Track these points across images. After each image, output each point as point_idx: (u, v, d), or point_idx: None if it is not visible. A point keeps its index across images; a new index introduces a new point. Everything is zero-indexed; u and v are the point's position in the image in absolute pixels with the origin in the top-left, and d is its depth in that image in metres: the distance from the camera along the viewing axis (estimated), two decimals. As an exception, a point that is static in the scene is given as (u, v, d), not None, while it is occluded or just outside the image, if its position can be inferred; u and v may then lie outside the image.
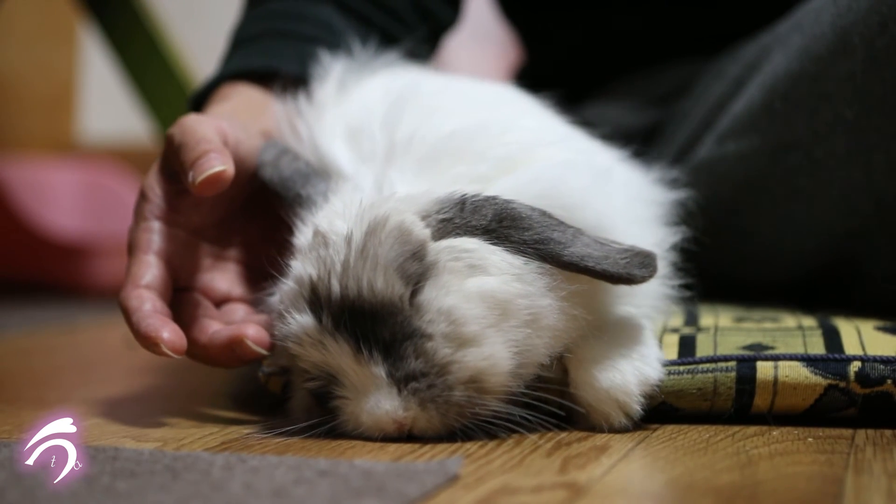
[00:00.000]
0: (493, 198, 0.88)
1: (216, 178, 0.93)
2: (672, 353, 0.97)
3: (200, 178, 0.93)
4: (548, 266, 0.87)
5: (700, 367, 0.95)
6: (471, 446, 0.85)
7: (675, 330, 1.04)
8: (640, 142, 1.49)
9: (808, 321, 1.06)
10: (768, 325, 1.06)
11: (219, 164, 0.93)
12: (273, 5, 1.26)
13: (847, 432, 0.91)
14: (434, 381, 0.83)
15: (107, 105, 2.78)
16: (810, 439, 0.88)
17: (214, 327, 0.95)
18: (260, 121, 1.08)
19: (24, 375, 1.35)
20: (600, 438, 0.88)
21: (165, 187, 0.99)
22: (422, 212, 0.88)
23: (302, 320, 0.85)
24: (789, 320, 1.07)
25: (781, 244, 1.27)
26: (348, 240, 0.86)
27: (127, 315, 0.94)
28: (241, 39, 1.23)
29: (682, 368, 0.95)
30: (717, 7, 1.53)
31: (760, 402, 0.94)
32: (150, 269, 0.96)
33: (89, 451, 0.78)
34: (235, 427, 0.94)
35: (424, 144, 0.94)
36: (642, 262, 0.88)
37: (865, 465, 0.80)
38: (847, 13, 1.15)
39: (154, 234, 0.98)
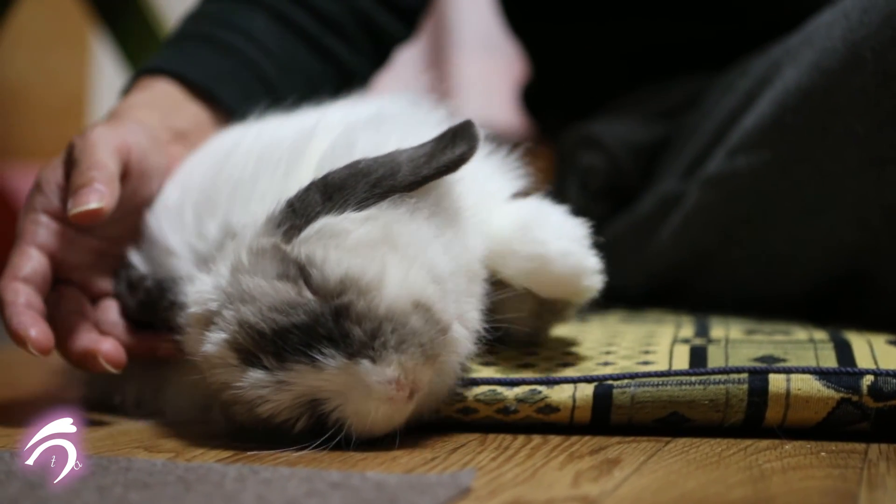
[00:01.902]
0: (310, 183, 0.89)
1: (89, 215, 0.95)
2: (683, 364, 0.97)
3: (74, 211, 0.95)
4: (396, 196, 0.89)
5: (712, 378, 0.95)
6: (483, 458, 0.85)
7: (685, 340, 1.04)
8: (649, 156, 1.49)
9: (820, 334, 1.06)
10: (780, 337, 1.05)
11: (95, 202, 0.95)
12: (208, 6, 1.29)
13: (860, 446, 0.90)
14: (386, 331, 0.83)
15: (117, 114, 2.78)
16: (823, 454, 0.88)
17: (82, 329, 0.98)
18: (173, 119, 1.13)
19: (31, 380, 1.35)
20: (612, 451, 0.88)
21: (61, 183, 1.00)
22: (263, 234, 0.88)
23: (252, 378, 0.84)
24: (800, 333, 1.07)
25: (792, 258, 1.27)
26: (228, 294, 0.86)
27: (2, 307, 0.95)
28: (173, 36, 1.28)
29: (693, 379, 0.95)
30: (725, 22, 1.53)
31: (773, 414, 0.94)
32: (29, 262, 0.97)
33: (101, 462, 0.79)
34: (246, 439, 0.93)
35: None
36: (460, 135, 0.91)
37: (879, 479, 0.80)
38: (859, 27, 1.15)
39: (40, 227, 0.99)
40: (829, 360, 0.96)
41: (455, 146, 0.90)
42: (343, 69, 1.34)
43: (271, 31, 1.27)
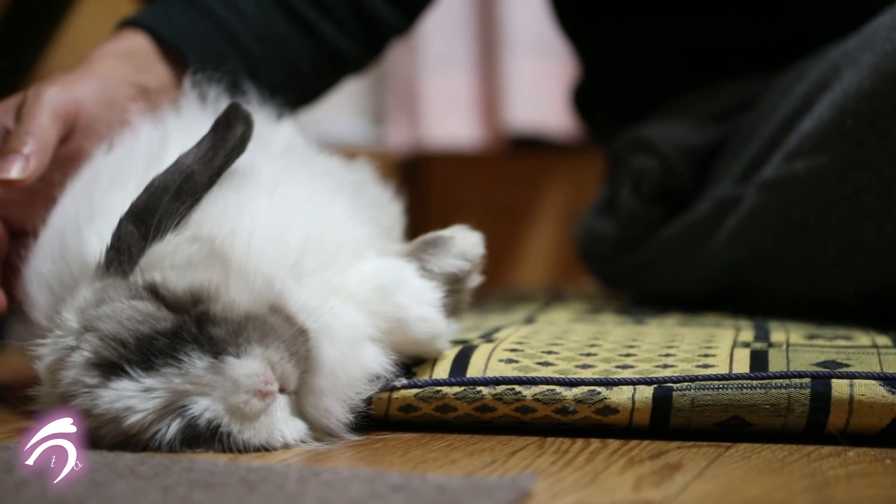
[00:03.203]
0: (119, 220, 0.89)
1: (9, 183, 1.01)
2: (744, 368, 0.96)
3: None
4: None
5: (773, 382, 0.94)
6: (542, 462, 0.85)
7: (746, 344, 1.03)
8: (702, 159, 1.48)
9: (883, 339, 1.04)
10: (841, 342, 1.04)
11: (17, 172, 1.00)
12: None
13: (926, 454, 0.89)
14: (247, 328, 0.83)
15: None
16: (888, 461, 0.86)
17: None
18: (141, 75, 1.16)
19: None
20: (673, 456, 0.87)
21: (6, 128, 1.05)
22: (96, 280, 0.89)
23: (118, 388, 0.82)
24: (863, 338, 1.06)
25: (850, 263, 1.25)
26: (83, 325, 0.85)
27: None
28: None
29: (755, 383, 0.94)
30: (780, 22, 1.51)
31: (835, 420, 0.92)
32: None
33: (164, 462, 0.79)
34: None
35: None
36: (232, 117, 0.94)
37: (947, 488, 0.79)
38: None
39: None
40: (894, 367, 0.94)
41: (233, 129, 0.93)
42: (327, 47, 1.34)
43: (267, 10, 1.28)
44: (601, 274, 1.71)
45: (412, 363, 0.99)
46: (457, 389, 0.97)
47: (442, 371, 0.98)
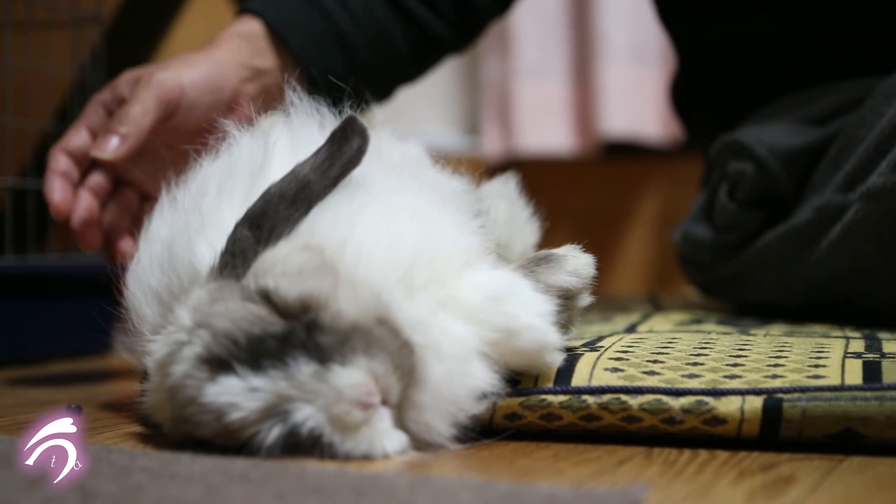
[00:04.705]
0: (234, 225, 0.91)
1: (101, 160, 1.18)
2: (856, 378, 0.94)
3: (92, 151, 1.19)
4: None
5: (889, 394, 0.91)
6: (651, 473, 0.84)
7: (857, 354, 1.01)
8: (803, 164, 1.45)
9: None
10: (958, 353, 1.01)
11: (108, 153, 1.18)
12: None
13: None
14: (353, 338, 0.83)
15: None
16: None
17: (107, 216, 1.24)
18: (257, 58, 1.31)
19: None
20: (785, 468, 0.86)
21: (119, 98, 1.22)
22: (210, 278, 0.90)
23: (224, 384, 0.83)
24: (980, 349, 1.03)
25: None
26: (196, 322, 0.86)
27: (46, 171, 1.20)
28: None
29: (868, 395, 0.92)
30: (884, 16, 1.48)
31: (953, 433, 0.90)
32: (78, 138, 1.21)
33: (274, 468, 0.80)
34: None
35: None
36: (350, 130, 0.95)
37: None
38: None
39: (97, 115, 1.23)
40: None
41: (349, 141, 0.95)
42: (425, 33, 1.45)
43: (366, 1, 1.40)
44: (699, 282, 1.69)
45: (518, 378, 0.98)
46: (562, 398, 0.97)
47: (547, 379, 0.98)
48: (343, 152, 0.95)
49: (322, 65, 1.34)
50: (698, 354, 1.02)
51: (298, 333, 0.84)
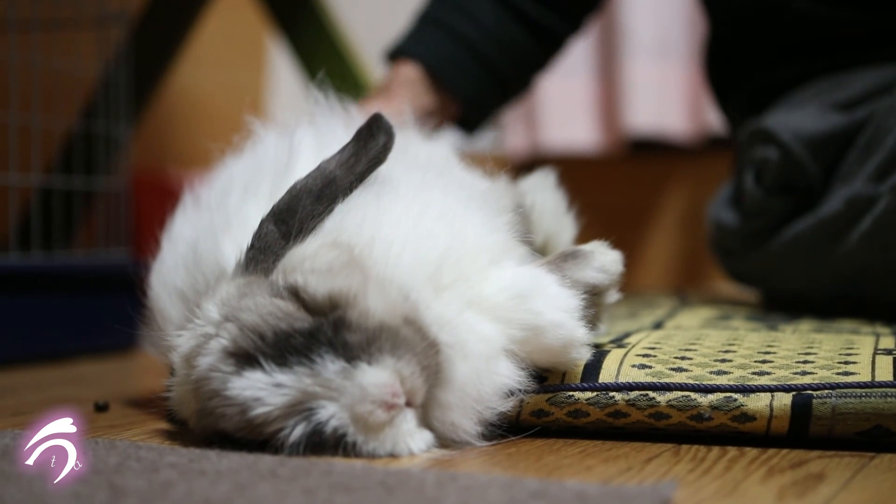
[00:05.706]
0: (260, 221, 0.91)
1: None
2: (887, 375, 0.94)
3: None
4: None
5: (919, 392, 0.91)
6: (679, 470, 0.84)
7: (888, 351, 1.00)
8: (831, 150, 1.43)
9: None
10: None
11: None
12: None
13: None
14: (381, 338, 0.83)
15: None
16: None
17: None
18: (422, 98, 1.46)
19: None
20: (814, 466, 0.85)
21: None
22: (237, 273, 0.90)
23: (250, 379, 0.83)
24: None
25: None
26: (224, 316, 0.86)
27: None
28: (418, 17, 1.57)
29: (899, 393, 0.91)
30: None
31: None
32: None
33: (302, 465, 0.80)
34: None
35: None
36: (375, 127, 0.96)
37: None
38: None
39: None
40: None
41: (375, 138, 0.96)
42: (555, 40, 1.61)
43: (495, 15, 1.54)
44: (730, 268, 1.68)
45: (545, 375, 0.98)
46: (589, 395, 0.96)
47: (574, 376, 0.97)
48: (369, 149, 0.95)
49: (473, 90, 1.51)
50: (727, 351, 1.02)
51: (325, 330, 0.83)
